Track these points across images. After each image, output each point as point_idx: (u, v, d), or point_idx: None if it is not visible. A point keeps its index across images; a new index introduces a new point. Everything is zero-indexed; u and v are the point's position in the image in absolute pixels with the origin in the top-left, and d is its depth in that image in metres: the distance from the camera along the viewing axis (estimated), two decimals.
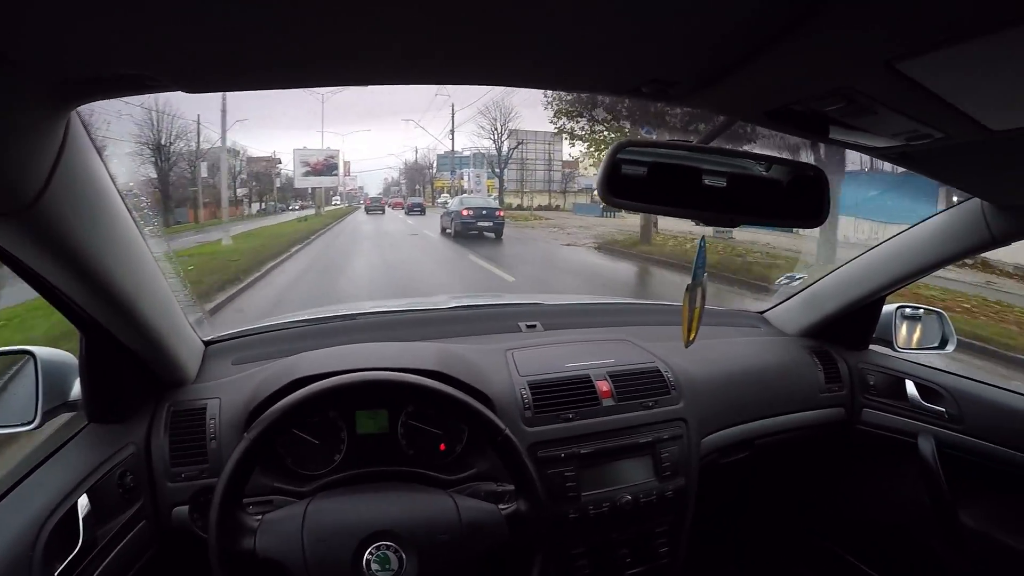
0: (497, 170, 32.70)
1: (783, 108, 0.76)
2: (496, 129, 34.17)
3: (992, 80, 0.63)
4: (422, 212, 31.73)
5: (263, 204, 35.58)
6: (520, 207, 33.17)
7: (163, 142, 23.51)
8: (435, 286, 9.24)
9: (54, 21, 0.51)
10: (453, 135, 34.87)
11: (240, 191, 32.84)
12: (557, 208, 28.31)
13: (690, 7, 0.53)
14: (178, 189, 25.23)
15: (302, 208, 37.33)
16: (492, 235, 16.84)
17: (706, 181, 0.88)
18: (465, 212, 17.26)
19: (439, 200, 38.29)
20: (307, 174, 33.27)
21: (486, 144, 34.68)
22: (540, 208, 31.44)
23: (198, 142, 24.83)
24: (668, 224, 15.20)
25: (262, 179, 34.51)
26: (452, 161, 38.23)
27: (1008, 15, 0.48)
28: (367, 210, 36.97)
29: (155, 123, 23.46)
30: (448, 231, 17.78)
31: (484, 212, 17.48)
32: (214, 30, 0.55)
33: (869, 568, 1.88)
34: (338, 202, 48.80)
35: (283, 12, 0.52)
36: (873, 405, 1.81)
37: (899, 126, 0.79)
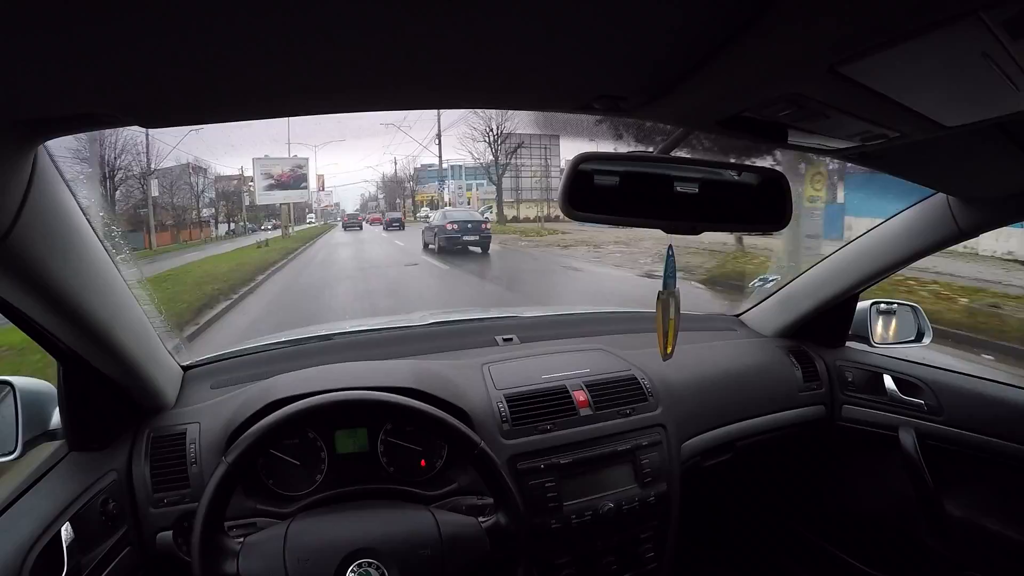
0: (494, 178, 30.22)
1: (735, 116, 0.77)
2: (491, 130, 29.74)
3: (936, 78, 0.64)
4: (401, 227, 30.17)
5: (231, 225, 32.47)
6: (517, 219, 29.78)
7: (104, 156, 19.11)
8: None
9: (10, 64, 0.52)
10: (440, 140, 32.69)
11: (206, 211, 29.52)
12: (557, 219, 24.56)
13: (631, 23, 0.55)
14: (129, 211, 21.93)
15: (275, 228, 33.82)
16: (478, 249, 15.99)
17: (667, 190, 0.88)
18: (450, 226, 16.23)
19: (419, 214, 36.57)
20: (271, 187, 28.00)
21: (479, 148, 30.59)
22: (539, 220, 28.01)
23: (147, 157, 22.01)
24: (754, 240, 11.26)
25: (231, 198, 31.72)
26: (440, 170, 34.91)
27: (939, 15, 0.49)
28: (345, 227, 35.64)
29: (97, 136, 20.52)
30: (431, 247, 16.73)
31: (470, 225, 16.47)
32: (174, 68, 0.56)
33: (857, 561, 1.90)
34: (312, 220, 44.42)
35: (238, 48, 0.53)
36: (853, 401, 1.83)
37: (852, 128, 0.80)
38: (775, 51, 0.59)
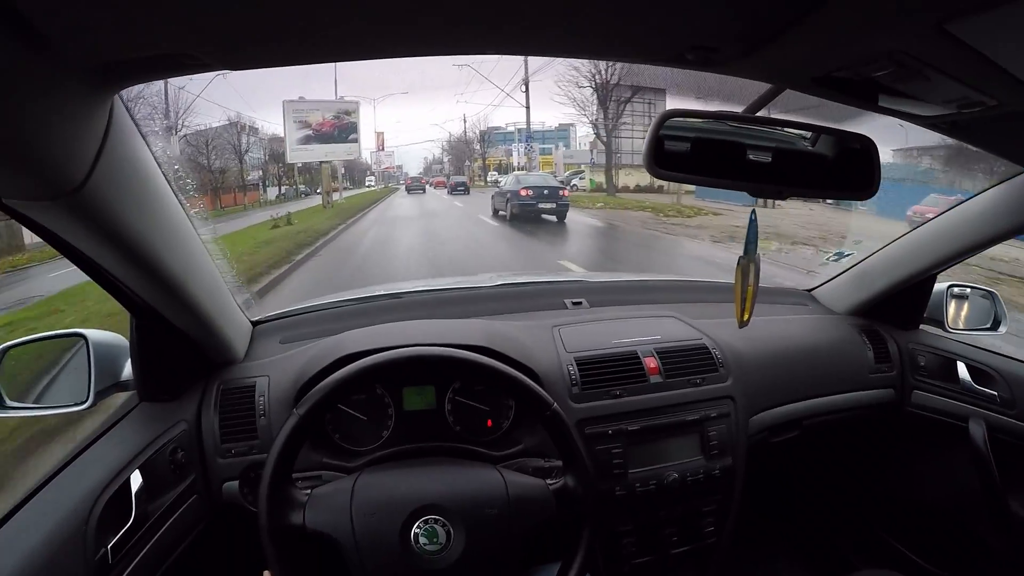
0: (571, 141, 29.34)
1: (831, 74, 0.74)
2: (600, 73, 22.45)
3: None
4: (465, 191, 29.19)
5: (281, 189, 29.59)
6: (630, 189, 23.44)
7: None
8: None
9: (93, 2, 0.52)
10: (527, 87, 26.73)
11: (254, 173, 27.23)
12: (661, 188, 20.43)
13: None
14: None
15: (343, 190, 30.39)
16: (554, 218, 14.79)
17: (752, 153, 0.86)
18: (524, 192, 14.75)
19: (489, 178, 34.93)
20: (307, 140, 21.54)
21: (581, 97, 23.71)
22: (640, 190, 22.57)
23: (168, 107, 19.18)
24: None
25: (281, 158, 27.33)
26: (528, 121, 28.28)
27: None
28: (408, 190, 34.59)
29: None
30: (502, 213, 15.48)
31: (546, 192, 14.96)
32: (255, 2, 0.55)
33: (913, 553, 1.84)
34: (372, 183, 41.79)
35: None
36: (923, 387, 1.76)
37: (951, 93, 0.76)
38: (881, 4, 0.56)
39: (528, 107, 27.53)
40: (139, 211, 0.87)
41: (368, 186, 40.71)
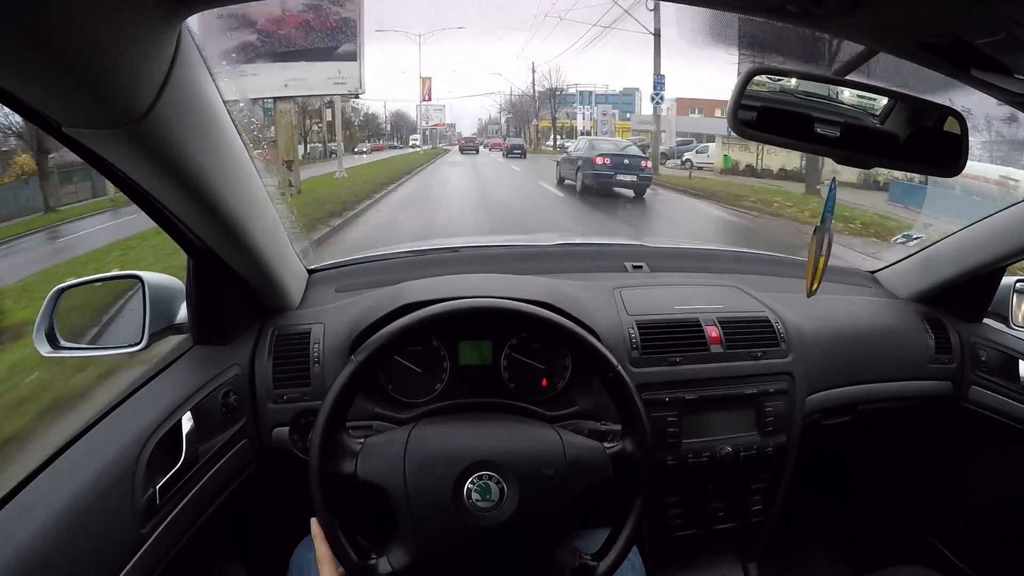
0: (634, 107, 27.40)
1: (935, 38, 0.69)
2: None
3: None
4: (522, 154, 27.76)
5: (306, 148, 24.99)
6: (773, 173, 17.91)
7: None
8: None
9: None
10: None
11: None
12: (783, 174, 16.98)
13: None
14: None
15: (373, 150, 29.89)
16: (632, 192, 12.80)
17: (841, 116, 0.83)
18: (599, 160, 12.62)
19: (560, 142, 31.55)
20: (248, 55, 10.85)
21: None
22: (785, 176, 17.22)
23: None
24: None
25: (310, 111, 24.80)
26: (658, 55, 18.74)
27: None
28: (461, 150, 33.49)
29: None
30: (569, 182, 13.65)
31: (626, 161, 12.67)
32: None
33: (954, 554, 1.80)
34: (417, 143, 36.72)
35: None
36: (982, 383, 1.69)
37: None
38: None
39: (657, 32, 19.07)
40: (202, 145, 0.85)
41: (412, 146, 36.41)
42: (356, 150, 27.34)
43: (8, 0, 0.49)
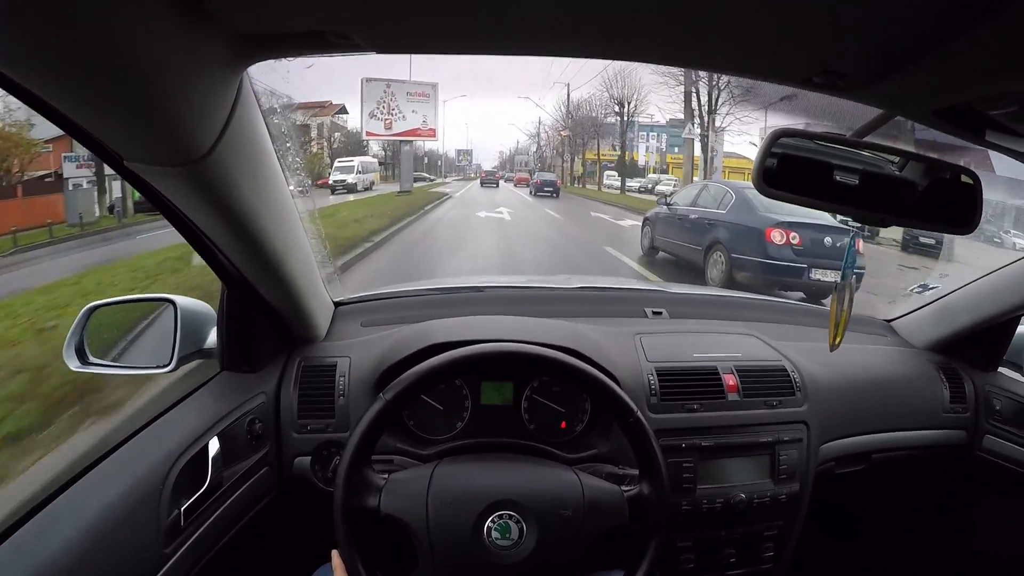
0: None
1: (951, 108, 0.73)
2: None
3: None
4: (554, 193, 24.02)
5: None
6: None
7: None
8: None
9: None
10: None
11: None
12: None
13: None
14: None
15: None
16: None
17: (857, 179, 0.85)
18: (777, 235, 6.74)
19: (608, 178, 28.59)
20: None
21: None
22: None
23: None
24: None
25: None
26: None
27: None
28: (482, 183, 31.86)
29: None
30: (668, 256, 9.05)
31: (827, 242, 6.67)
32: None
33: None
34: (347, 173, 23.78)
35: None
36: (996, 432, 1.69)
37: None
38: (1019, 42, 0.55)
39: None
40: (253, 186, 0.89)
41: (337, 182, 24.01)
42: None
43: (86, 42, 0.52)
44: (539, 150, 40.86)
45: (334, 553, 0.96)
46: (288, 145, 1.06)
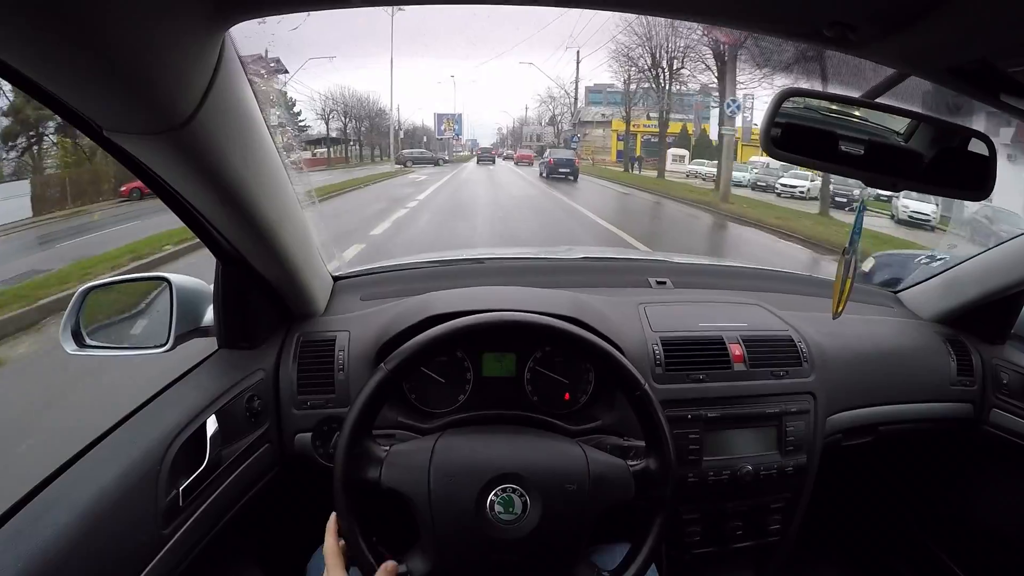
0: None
1: (964, 65, 0.71)
2: None
3: None
4: (573, 176, 20.19)
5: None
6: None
7: None
8: None
9: None
10: None
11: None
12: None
13: None
14: None
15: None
16: None
17: (868, 140, 0.83)
18: None
19: (673, 160, 22.99)
20: None
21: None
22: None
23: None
24: None
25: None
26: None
27: None
28: (478, 160, 30.98)
29: None
30: None
31: None
32: None
33: None
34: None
35: None
36: (1003, 406, 1.67)
37: None
38: None
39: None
40: (241, 153, 0.86)
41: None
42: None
43: (56, 3, 0.50)
44: (555, 121, 35.58)
45: (332, 517, 0.95)
46: (277, 114, 1.03)
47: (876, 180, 0.85)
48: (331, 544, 0.94)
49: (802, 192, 16.59)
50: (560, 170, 20.51)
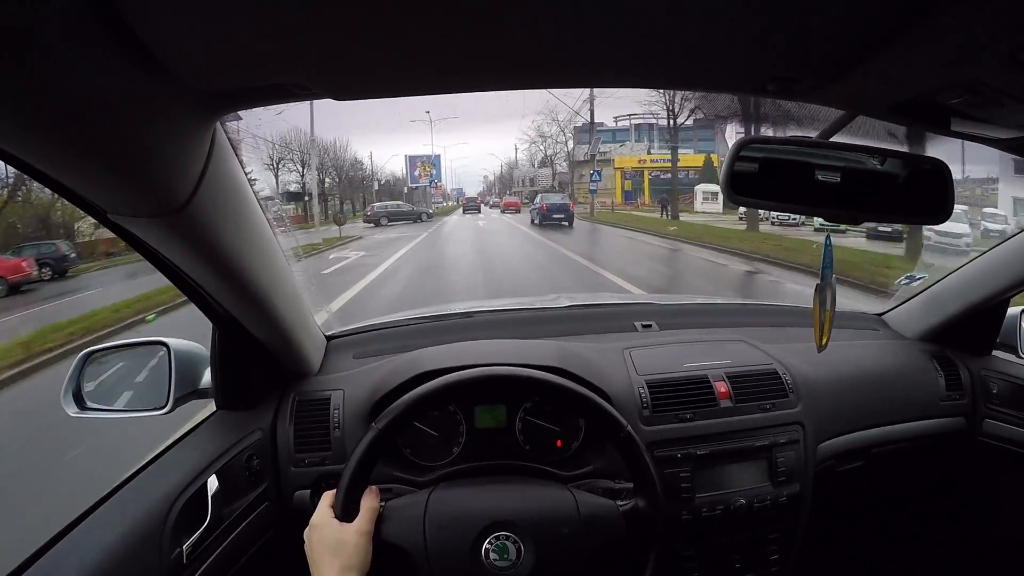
0: None
1: (906, 102, 0.74)
2: None
3: None
4: (567, 221, 18.45)
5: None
6: None
7: None
8: None
9: (211, 35, 0.55)
10: None
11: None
12: None
13: (815, 2, 0.54)
14: None
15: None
16: None
17: (825, 177, 0.86)
18: None
19: (704, 200, 22.20)
20: None
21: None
22: None
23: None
24: None
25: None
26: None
27: None
28: (464, 210, 31.01)
29: None
30: None
31: None
32: (366, 37, 0.57)
33: None
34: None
35: (429, 17, 0.54)
36: (995, 415, 1.70)
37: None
38: (956, 36, 0.57)
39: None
40: (235, 229, 0.91)
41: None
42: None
43: (61, 106, 0.54)
44: (548, 162, 33.55)
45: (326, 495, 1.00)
46: (264, 188, 1.08)
47: (837, 215, 0.87)
48: (324, 507, 0.98)
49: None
50: (554, 216, 19.33)
